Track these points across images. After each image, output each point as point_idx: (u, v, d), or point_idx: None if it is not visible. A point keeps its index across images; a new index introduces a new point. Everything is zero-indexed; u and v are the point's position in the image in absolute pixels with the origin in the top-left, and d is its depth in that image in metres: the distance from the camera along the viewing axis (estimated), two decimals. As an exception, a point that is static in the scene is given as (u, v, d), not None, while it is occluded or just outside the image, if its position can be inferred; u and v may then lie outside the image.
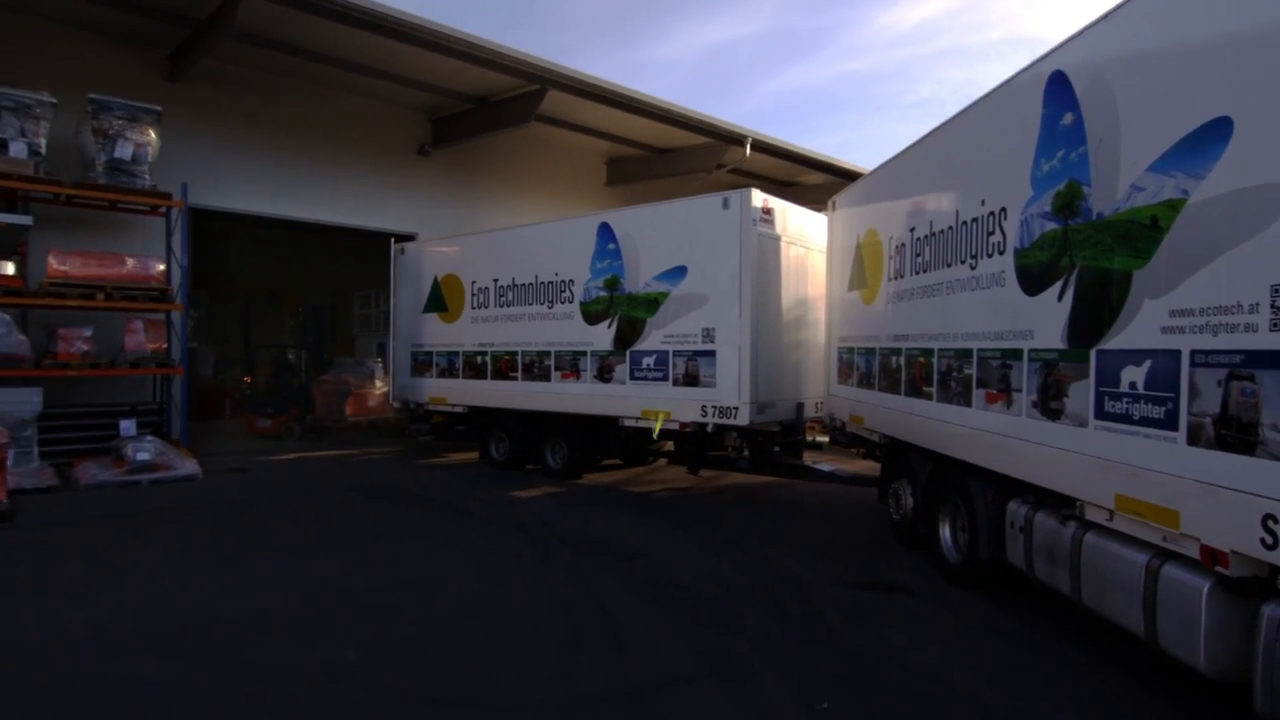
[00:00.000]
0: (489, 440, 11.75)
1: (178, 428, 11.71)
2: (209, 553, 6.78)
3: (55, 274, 10.03)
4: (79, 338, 10.19)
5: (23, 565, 6.31)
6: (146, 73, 12.10)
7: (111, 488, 9.56)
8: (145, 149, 10.75)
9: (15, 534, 7.30)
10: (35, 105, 9.91)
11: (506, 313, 11.27)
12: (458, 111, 15.08)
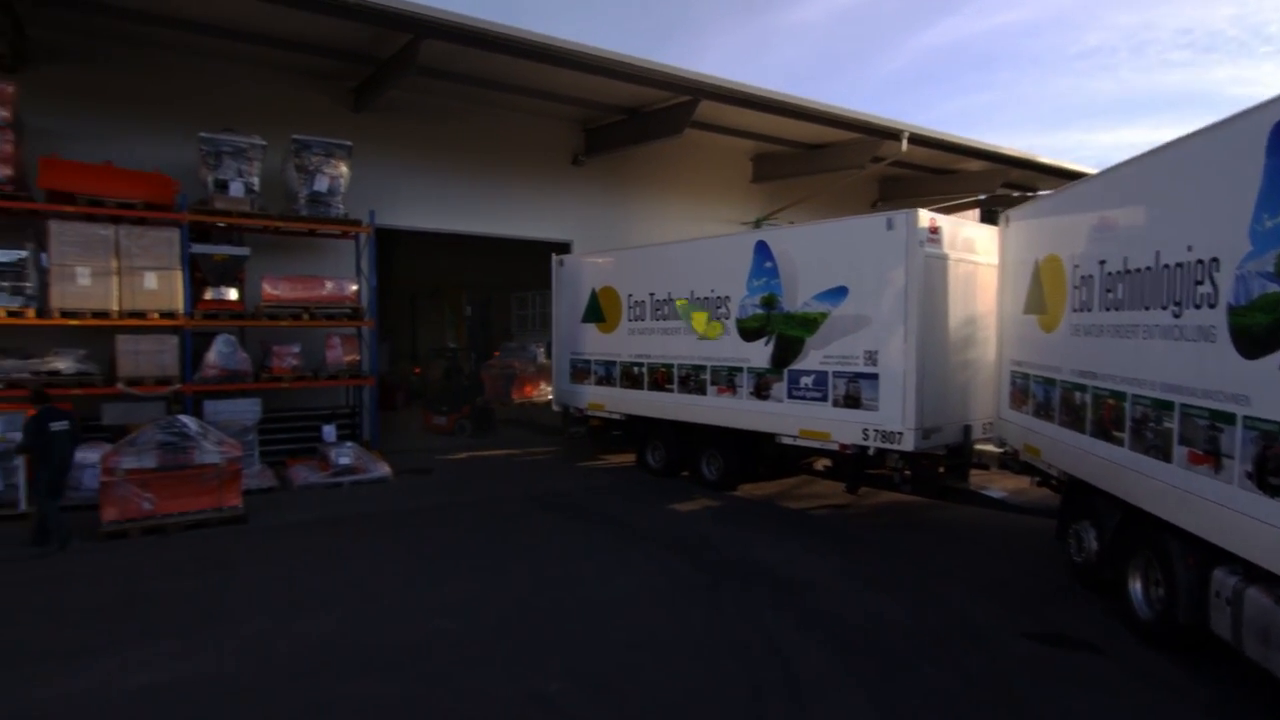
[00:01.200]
0: (645, 447, 12.19)
1: (368, 428, 13.00)
2: (410, 564, 7.54)
3: (269, 298, 11.33)
4: (290, 354, 11.50)
5: (262, 569, 7.32)
6: (335, 106, 13.31)
7: (319, 489, 10.78)
8: (339, 181, 11.87)
9: (250, 537, 8.44)
10: (249, 148, 11.18)
11: (662, 326, 11.59)
12: (610, 122, 15.50)
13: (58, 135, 10.94)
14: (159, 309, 10.47)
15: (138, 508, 8.47)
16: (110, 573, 7.23)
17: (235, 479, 9.04)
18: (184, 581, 7.00)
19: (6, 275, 9.71)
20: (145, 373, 10.43)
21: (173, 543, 8.24)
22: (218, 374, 10.89)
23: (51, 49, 11.03)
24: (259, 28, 11.16)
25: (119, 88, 11.55)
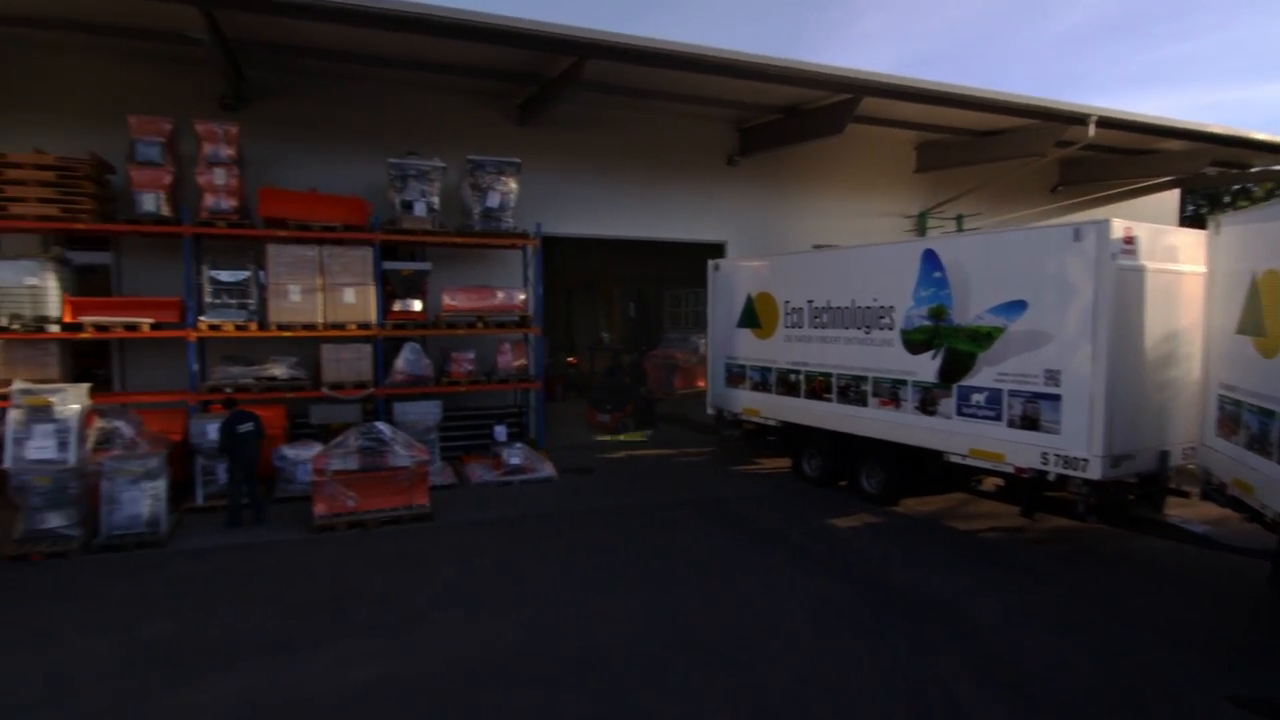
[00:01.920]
0: (801, 455, 12.10)
1: (534, 427, 13.77)
2: (579, 571, 7.97)
3: (448, 308, 12.23)
4: (466, 360, 12.38)
5: (450, 570, 8.01)
6: (502, 121, 14.07)
7: (492, 487, 11.58)
8: (509, 196, 12.57)
9: (437, 535, 9.23)
10: (431, 170, 12.07)
11: (821, 334, 11.42)
12: (765, 122, 15.33)
13: (271, 163, 12.34)
14: (356, 320, 11.59)
15: (343, 504, 9.50)
16: (324, 566, 8.17)
17: (423, 480, 9.91)
18: (385, 579, 7.78)
19: (234, 293, 11.12)
20: (345, 378, 11.61)
21: (372, 537, 9.17)
22: (405, 379, 11.93)
23: (266, 87, 12.42)
24: (441, 59, 12.02)
25: (320, 117, 12.82)
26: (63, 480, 8.53)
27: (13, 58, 11.27)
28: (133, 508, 8.85)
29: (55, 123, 11.34)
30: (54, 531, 8.56)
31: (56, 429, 8.51)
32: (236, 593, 7.44)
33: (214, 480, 10.36)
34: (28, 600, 7.24)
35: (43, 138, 10.93)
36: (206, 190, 10.90)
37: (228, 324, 10.99)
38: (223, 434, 9.49)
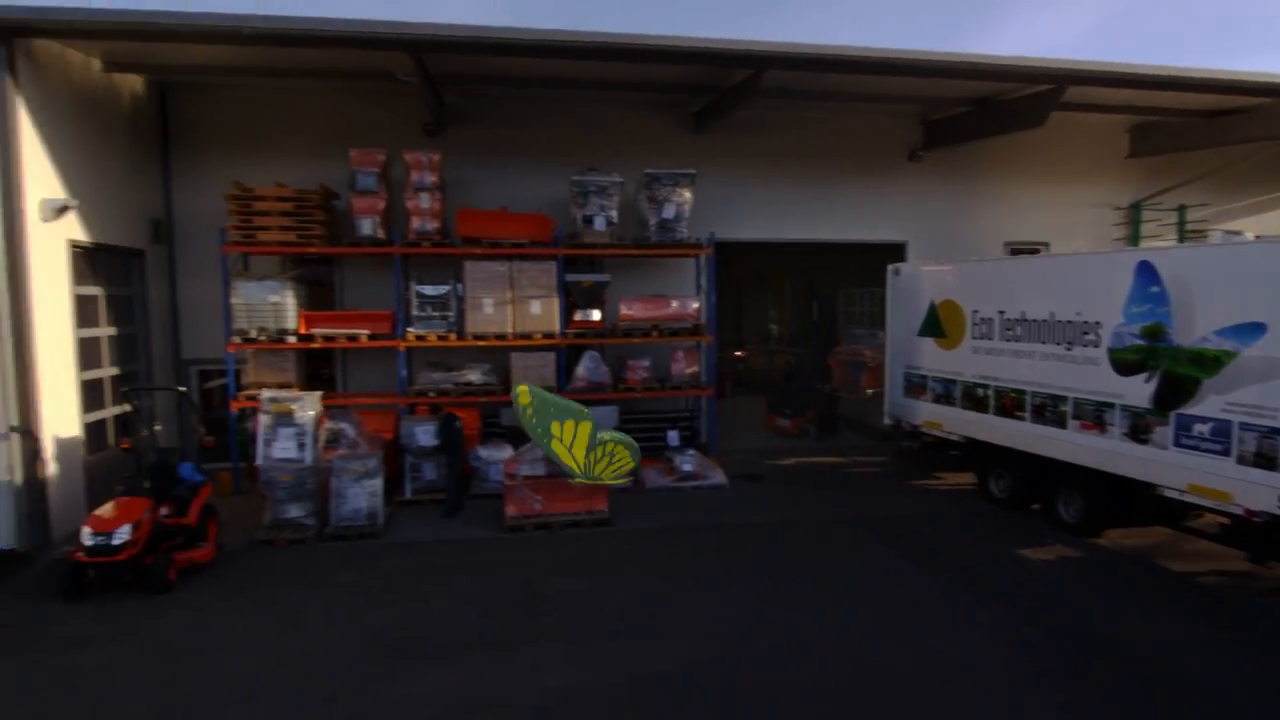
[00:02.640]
0: (988, 474, 11.44)
1: (705, 431, 14.01)
2: (751, 591, 8.07)
3: (625, 317, 12.69)
4: (641, 367, 12.80)
5: (628, 579, 8.40)
6: (676, 129, 14.30)
7: (665, 492, 11.94)
8: (684, 207, 12.80)
9: (615, 542, 9.67)
10: (610, 186, 12.54)
11: (1013, 348, 10.70)
12: (953, 115, 14.47)
13: (468, 182, 13.36)
14: (541, 330, 12.34)
15: (531, 507, 10.22)
16: (516, 566, 8.85)
17: (602, 489, 10.42)
18: (571, 584, 8.31)
19: (436, 306, 12.19)
20: (531, 384, 12.38)
21: (556, 539, 9.80)
22: (585, 385, 12.54)
23: (462, 112, 13.43)
24: (621, 78, 12.47)
25: (509, 136, 13.68)
26: (301, 477, 9.83)
27: (259, 103, 12.96)
28: (355, 502, 10.03)
29: (290, 156, 12.94)
30: (295, 521, 9.90)
31: (297, 432, 9.81)
32: (443, 588, 8.25)
33: (420, 477, 11.49)
34: (276, 583, 8.44)
35: (281, 170, 12.54)
36: (414, 214, 12.01)
37: (431, 334, 12.08)
38: (442, 435, 10.62)
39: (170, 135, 12.87)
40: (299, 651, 6.86)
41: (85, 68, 10.77)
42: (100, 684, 6.31)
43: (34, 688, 6.26)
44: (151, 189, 12.52)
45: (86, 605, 7.82)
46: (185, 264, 12.99)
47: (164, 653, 6.83)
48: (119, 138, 11.58)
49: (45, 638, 7.17)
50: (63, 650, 6.91)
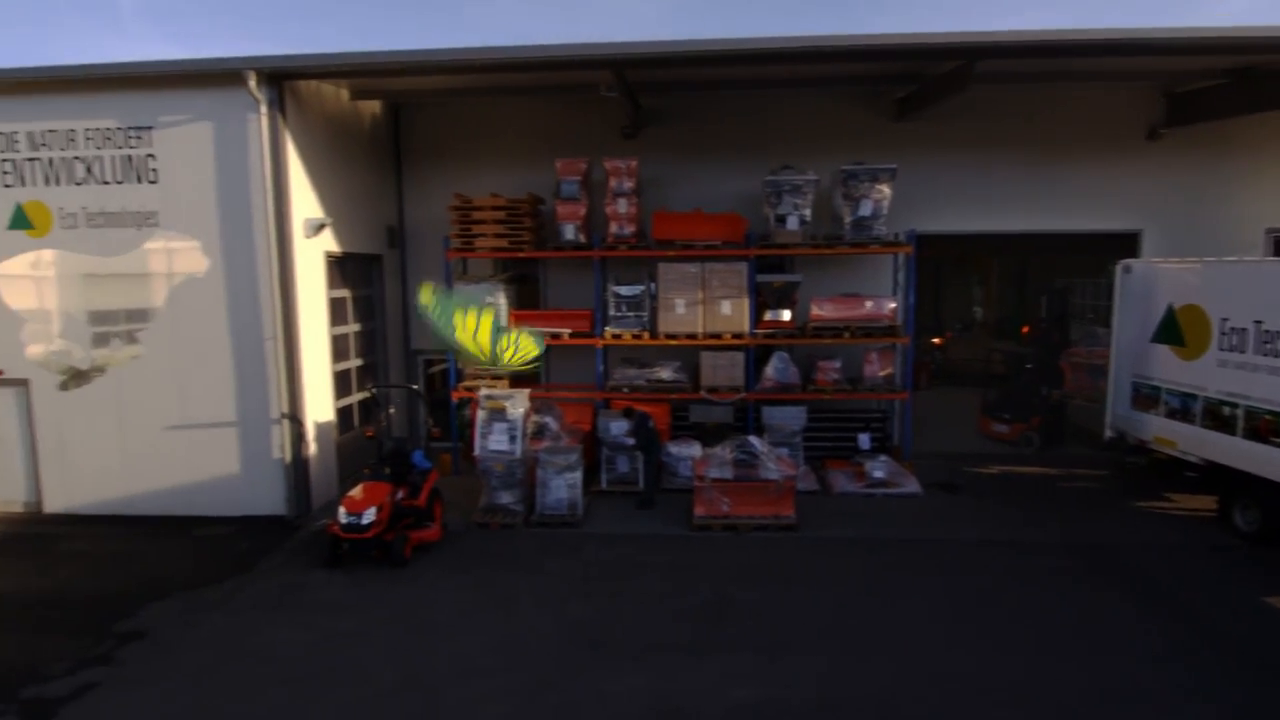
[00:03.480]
0: (1232, 503, 10.15)
1: (898, 434, 13.55)
2: (944, 618, 7.81)
3: (816, 318, 12.52)
4: (832, 368, 12.61)
5: (815, 590, 8.44)
6: (877, 118, 13.71)
7: (854, 498, 11.74)
8: (882, 204, 12.32)
9: (803, 550, 9.71)
10: (804, 184, 12.35)
11: (1272, 364, 9.35)
12: (1203, 88, 12.66)
13: (663, 182, 13.72)
14: (731, 330, 12.50)
15: (719, 508, 10.50)
16: (704, 569, 9.16)
17: (790, 494, 10.48)
18: (758, 593, 8.49)
19: (631, 306, 12.72)
20: (720, 382, 12.64)
21: (743, 542, 10.01)
22: (773, 385, 12.58)
23: (657, 114, 13.77)
24: (819, 74, 12.18)
25: (703, 135, 13.84)
26: (512, 467, 10.78)
27: (474, 117, 14.09)
28: (558, 493, 10.83)
29: (501, 163, 13.98)
30: (506, 506, 10.90)
31: (509, 427, 10.75)
32: (636, 585, 8.75)
33: (614, 469, 12.15)
34: (492, 567, 9.37)
35: (493, 176, 13.63)
36: (612, 219, 12.56)
37: (626, 333, 12.65)
38: (638, 435, 11.23)
39: (401, 150, 14.36)
40: (512, 636, 7.63)
41: (336, 98, 12.27)
42: (356, 649, 7.42)
43: (306, 647, 7.49)
44: (387, 199, 14.08)
45: (340, 574, 9.16)
46: (414, 265, 14.52)
47: (403, 624, 7.88)
48: (362, 156, 13.12)
49: (313, 601, 8.52)
50: (327, 613, 8.18)
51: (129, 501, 11.29)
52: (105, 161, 10.68)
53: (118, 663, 7.25)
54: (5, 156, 10.80)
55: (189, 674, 7.03)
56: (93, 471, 11.31)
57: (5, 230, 10.94)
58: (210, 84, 10.39)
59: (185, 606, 8.40)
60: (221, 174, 10.58)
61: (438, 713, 6.37)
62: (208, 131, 10.51)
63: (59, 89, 10.63)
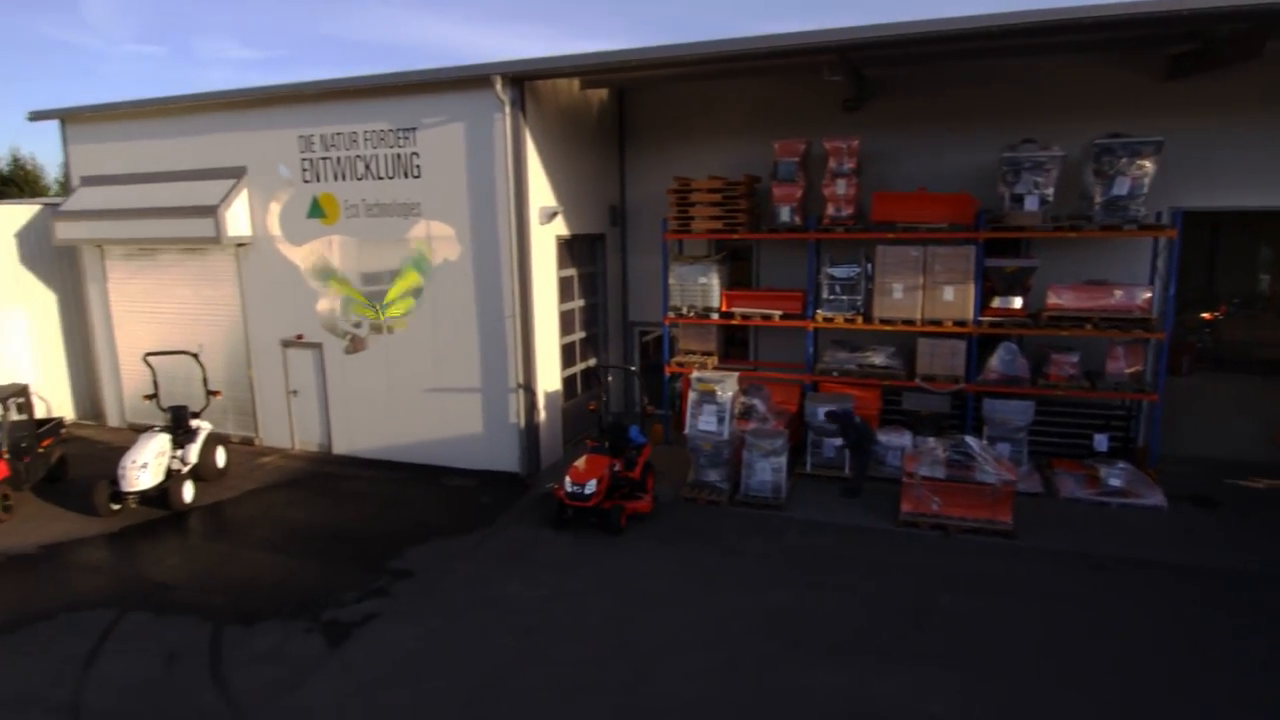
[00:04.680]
0: None
1: (1143, 435, 12.24)
2: (1175, 663, 7.18)
3: (1052, 306, 11.54)
4: (1067, 363, 11.62)
5: (1024, 608, 8.07)
6: (1139, 79, 12.04)
7: (1084, 505, 10.87)
8: (1141, 181, 10.97)
9: (1018, 561, 9.25)
10: (1048, 161, 11.28)
11: None
12: None
13: (887, 156, 13.15)
14: (952, 317, 11.90)
15: (927, 506, 10.27)
16: (907, 569, 9.08)
17: (1008, 499, 9.97)
18: (963, 602, 8.30)
19: (845, 288, 12.51)
20: (937, 371, 12.15)
21: (951, 546, 9.72)
22: (997, 377, 11.86)
23: (882, 84, 13.12)
24: (1067, 40, 10.89)
25: (932, 105, 13.00)
26: (719, 447, 11.24)
27: (693, 97, 14.29)
28: (762, 475, 11.16)
29: (719, 141, 14.16)
30: (712, 484, 11.43)
31: (718, 409, 11.19)
32: (836, 579, 8.91)
33: (820, 453, 12.22)
34: (698, 544, 9.95)
35: (710, 153, 13.92)
36: (830, 200, 12.33)
37: (838, 316, 12.49)
38: (849, 434, 11.22)
39: (625, 131, 14.99)
40: (714, 616, 8.16)
41: (569, 89, 13.07)
42: (578, 609, 8.35)
43: (537, 602, 8.56)
44: (611, 179, 14.84)
45: (565, 536, 10.22)
46: (633, 241, 15.27)
47: (619, 593, 8.70)
48: (590, 140, 13.90)
49: (542, 559, 9.63)
50: (554, 572, 9.23)
51: (393, 450, 13.28)
52: (380, 159, 12.32)
53: (392, 596, 8.76)
54: (305, 156, 12.82)
55: (446, 614, 8.34)
56: (367, 422, 13.41)
57: (305, 218, 13.06)
58: (462, 88, 11.54)
59: (442, 552, 9.87)
60: (471, 168, 11.80)
61: (647, 682, 7.06)
62: (460, 131, 11.73)
63: (345, 97, 12.35)
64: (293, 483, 12.60)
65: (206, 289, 14.24)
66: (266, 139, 13.01)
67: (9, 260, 15.08)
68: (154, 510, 11.30)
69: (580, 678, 7.16)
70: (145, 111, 14.03)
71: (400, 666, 7.38)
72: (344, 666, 7.42)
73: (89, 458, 13.62)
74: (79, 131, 14.85)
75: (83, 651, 7.75)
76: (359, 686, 7.08)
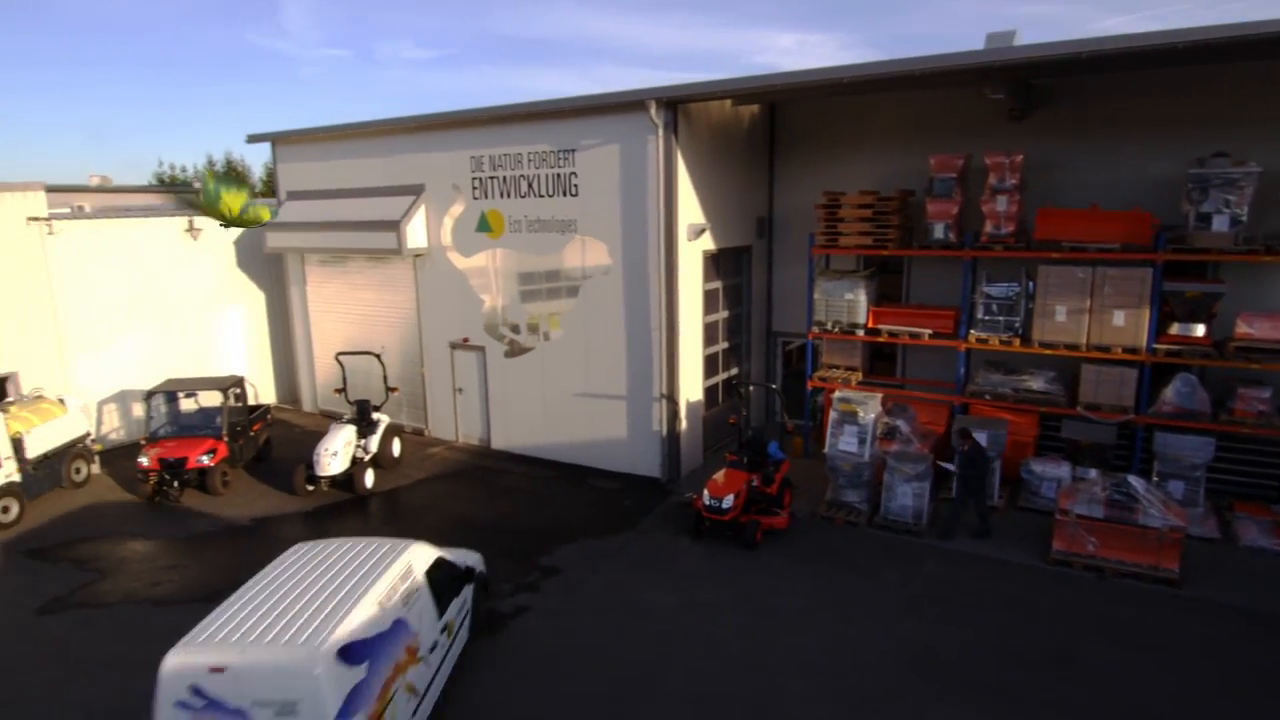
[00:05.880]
0: None
1: (1350, 481, 10.96)
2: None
3: (1241, 336, 10.55)
4: (1258, 398, 10.60)
5: (1181, 676, 7.57)
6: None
7: (1267, 557, 9.95)
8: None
9: (1182, 614, 8.62)
10: (1242, 178, 10.29)
11: None
12: None
13: (1053, 167, 12.44)
14: (1122, 344, 11.16)
15: (1082, 546, 9.77)
16: (1054, 614, 8.73)
17: (1175, 546, 9.31)
18: (1114, 655, 7.90)
19: (1002, 308, 12.01)
20: (1103, 399, 11.44)
21: (1107, 590, 9.23)
22: (1172, 410, 11.01)
23: (1051, 93, 12.40)
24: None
25: (1106, 113, 12.12)
26: (859, 469, 11.23)
27: (846, 109, 14.10)
28: (903, 500, 11.03)
29: (870, 152, 13.92)
30: (850, 504, 11.44)
31: (859, 431, 11.17)
32: (976, 616, 8.74)
33: (966, 478, 11.86)
34: (833, 566, 10.03)
35: (861, 165, 13.76)
36: (988, 217, 11.86)
37: (994, 338, 12.02)
38: (971, 469, 10.57)
39: (775, 143, 15.06)
40: (845, 641, 8.28)
41: (720, 106, 13.34)
42: (712, 621, 8.74)
43: (673, 610, 9.02)
44: (759, 191, 14.97)
45: (701, 546, 10.62)
46: (780, 251, 15.34)
47: (752, 609, 9.00)
48: (740, 154, 14.11)
49: (680, 567, 10.08)
50: (690, 581, 9.66)
51: (544, 448, 14.20)
52: (542, 178, 13.16)
53: (542, 592, 9.54)
54: (475, 175, 13.91)
55: (589, 613, 8.99)
56: (523, 421, 14.42)
57: (473, 232, 14.19)
58: (619, 111, 12.11)
59: (587, 552, 10.57)
60: (624, 187, 12.37)
61: (774, 702, 7.34)
62: (615, 152, 12.32)
63: (512, 121, 13.29)
64: (457, 474, 13.81)
65: (387, 293, 15.79)
66: (442, 159, 14.23)
67: (228, 264, 17.39)
68: (341, 493, 12.81)
69: (712, 689, 7.55)
70: (340, 135, 15.72)
71: (546, 662, 8.07)
72: (503, 652, 8.21)
73: (288, 440, 15.57)
74: (286, 152, 16.86)
75: (286, 618, 9.05)
76: (513, 678, 7.83)
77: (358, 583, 6.39)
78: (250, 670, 5.44)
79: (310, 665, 5.42)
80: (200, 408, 14.00)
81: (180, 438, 13.04)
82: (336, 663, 5.56)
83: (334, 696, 5.45)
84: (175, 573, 10.31)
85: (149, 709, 5.58)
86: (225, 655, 5.50)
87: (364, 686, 5.74)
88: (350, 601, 6.09)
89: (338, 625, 5.77)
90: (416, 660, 6.58)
